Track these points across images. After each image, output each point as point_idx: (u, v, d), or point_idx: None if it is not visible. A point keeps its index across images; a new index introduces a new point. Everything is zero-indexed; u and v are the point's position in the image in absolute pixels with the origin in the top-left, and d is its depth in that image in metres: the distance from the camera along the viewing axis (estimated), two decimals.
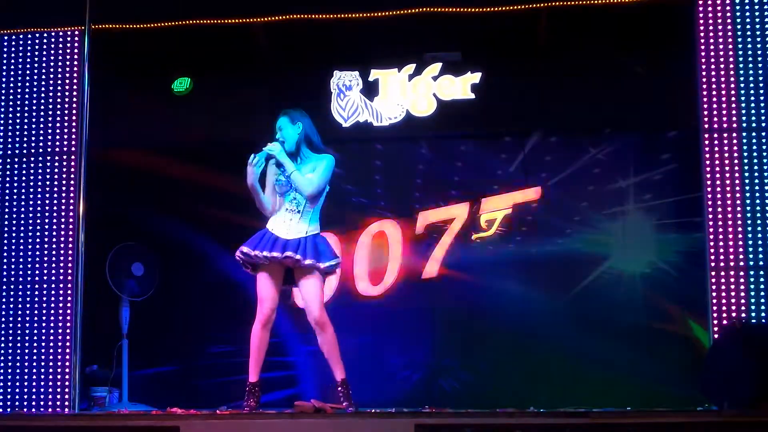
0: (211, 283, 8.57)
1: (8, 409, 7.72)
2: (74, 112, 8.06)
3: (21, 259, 7.94)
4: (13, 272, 7.95)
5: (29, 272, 7.92)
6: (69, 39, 8.16)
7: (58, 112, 8.09)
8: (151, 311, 8.38)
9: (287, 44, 8.51)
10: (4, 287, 7.94)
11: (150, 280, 8.39)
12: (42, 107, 8.11)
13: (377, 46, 8.41)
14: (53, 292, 7.86)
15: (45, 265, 7.92)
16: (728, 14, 7.54)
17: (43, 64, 8.16)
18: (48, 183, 8.01)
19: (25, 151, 8.07)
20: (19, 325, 7.87)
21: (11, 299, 7.91)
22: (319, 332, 6.26)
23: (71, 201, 7.94)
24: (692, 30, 7.58)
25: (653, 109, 8.19)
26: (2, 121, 8.12)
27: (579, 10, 7.91)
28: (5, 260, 7.96)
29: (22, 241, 7.96)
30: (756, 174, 7.40)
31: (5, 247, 7.98)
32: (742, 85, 7.48)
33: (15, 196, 8.03)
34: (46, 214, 7.97)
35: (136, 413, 7.10)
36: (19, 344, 7.84)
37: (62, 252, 7.90)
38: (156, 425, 5.72)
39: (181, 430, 5.55)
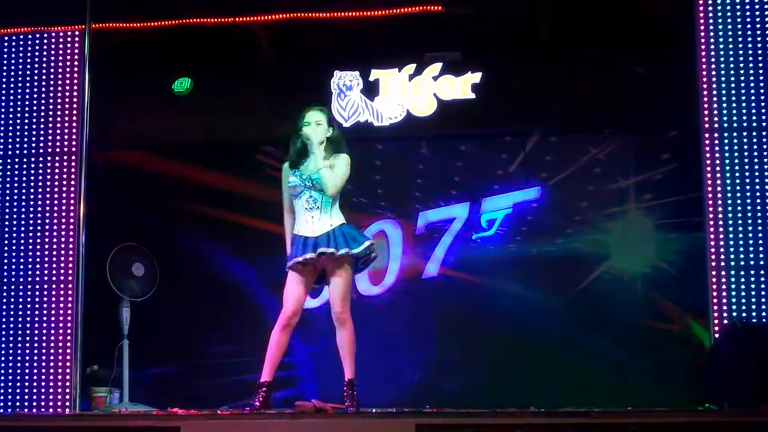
0: (211, 282, 8.57)
1: (9, 410, 7.73)
2: (74, 112, 8.06)
3: (22, 260, 7.95)
4: (13, 272, 7.95)
5: (30, 272, 7.92)
6: (69, 39, 8.16)
7: (59, 113, 8.09)
8: (151, 311, 8.37)
9: (287, 44, 8.51)
10: (5, 287, 7.94)
11: (150, 281, 8.38)
12: (42, 107, 8.11)
13: (377, 46, 8.40)
14: (54, 292, 7.87)
15: (46, 265, 7.92)
16: (728, 14, 7.54)
17: (44, 64, 8.16)
18: (48, 183, 8.01)
19: (25, 152, 8.07)
20: (20, 326, 7.87)
21: (12, 299, 7.91)
22: (338, 328, 6.27)
23: (72, 201, 7.94)
24: (692, 30, 7.59)
25: (653, 108, 8.19)
26: (2, 122, 8.12)
27: (579, 10, 7.91)
28: (6, 260, 7.96)
29: (22, 241, 7.96)
30: (756, 174, 7.41)
31: (6, 248, 7.98)
32: (742, 84, 7.48)
33: (15, 197, 8.03)
34: (47, 214, 7.97)
35: (137, 413, 7.10)
36: (20, 344, 7.85)
37: (63, 252, 7.90)
38: (157, 425, 5.72)
39: (181, 430, 5.54)
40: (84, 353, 7.74)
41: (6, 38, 8.21)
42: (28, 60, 8.18)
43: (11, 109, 8.13)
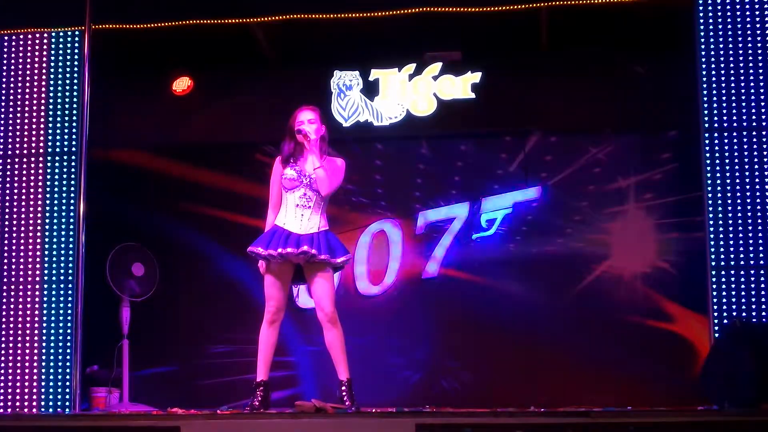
0: (211, 283, 8.58)
1: (9, 409, 7.72)
2: (75, 112, 8.06)
3: (22, 259, 7.94)
4: (14, 272, 7.94)
5: (30, 272, 7.92)
6: (69, 39, 8.15)
7: (59, 113, 8.08)
8: (151, 311, 8.38)
9: (287, 44, 8.52)
10: (5, 287, 7.93)
11: (150, 280, 8.39)
12: (43, 107, 8.10)
13: (377, 46, 8.41)
14: (54, 292, 7.86)
15: (46, 265, 7.92)
16: (728, 14, 7.54)
17: (44, 64, 8.15)
18: (49, 183, 8.01)
19: (25, 152, 8.07)
20: (20, 325, 7.87)
21: (12, 299, 7.91)
22: (329, 329, 6.26)
23: (72, 201, 7.94)
24: (692, 30, 7.58)
25: (653, 108, 8.20)
26: (3, 122, 8.12)
27: (579, 9, 7.91)
28: (6, 260, 7.95)
29: (22, 241, 7.95)
30: (756, 173, 7.40)
31: (6, 247, 7.98)
32: (742, 84, 7.48)
33: (16, 196, 8.02)
34: (47, 214, 7.97)
35: (137, 413, 7.10)
36: (20, 344, 7.84)
37: (63, 252, 7.90)
38: (157, 425, 5.72)
39: (181, 430, 5.54)
40: (84, 353, 7.73)
41: (6, 38, 8.20)
42: (29, 60, 8.17)
43: (11, 109, 8.12)
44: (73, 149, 8.01)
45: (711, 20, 7.53)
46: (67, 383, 7.75)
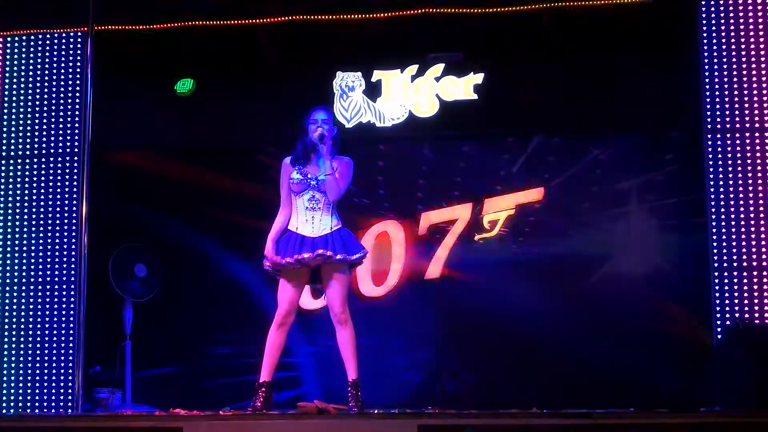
0: (213, 283, 8.58)
1: (12, 410, 7.74)
2: (77, 113, 8.08)
3: (24, 260, 7.96)
4: (16, 273, 7.96)
5: (32, 273, 7.93)
6: (72, 40, 8.18)
7: (61, 113, 8.11)
8: (154, 312, 8.38)
9: (290, 45, 8.52)
10: (8, 288, 7.95)
11: (153, 281, 8.40)
12: (45, 108, 8.13)
13: (380, 47, 8.41)
14: (56, 293, 7.88)
15: (48, 266, 7.94)
16: (731, 14, 7.55)
17: (47, 65, 8.18)
18: (51, 184, 8.03)
19: (28, 152, 8.09)
20: (22, 326, 7.89)
21: (14, 300, 7.93)
22: (339, 329, 6.27)
23: (74, 202, 7.95)
24: (695, 30, 7.59)
25: (656, 109, 8.20)
26: (6, 122, 8.13)
27: (581, 10, 7.91)
28: (9, 261, 7.97)
29: (25, 242, 7.97)
30: (759, 174, 7.41)
31: (9, 248, 7.99)
32: (744, 85, 7.49)
33: (18, 197, 8.04)
34: (49, 215, 7.99)
35: (139, 414, 7.11)
36: (22, 345, 7.86)
37: (65, 253, 7.92)
38: (159, 426, 5.72)
39: (184, 430, 5.55)
40: (86, 354, 7.74)
41: (10, 39, 8.22)
42: (32, 61, 8.20)
43: (14, 110, 8.14)
44: (76, 150, 8.03)
45: (714, 20, 7.54)
46: (70, 384, 7.77)
